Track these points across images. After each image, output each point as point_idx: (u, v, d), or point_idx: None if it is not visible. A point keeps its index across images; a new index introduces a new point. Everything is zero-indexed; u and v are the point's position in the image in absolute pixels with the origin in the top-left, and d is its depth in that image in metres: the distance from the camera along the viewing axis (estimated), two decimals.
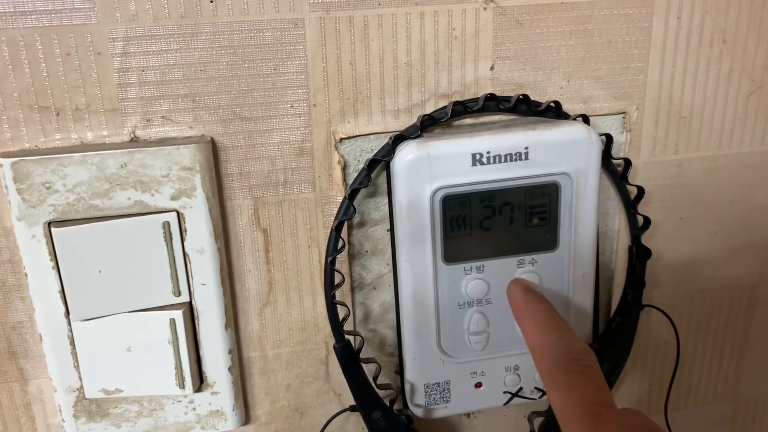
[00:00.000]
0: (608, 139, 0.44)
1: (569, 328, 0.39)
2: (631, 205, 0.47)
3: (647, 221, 0.47)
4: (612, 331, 0.48)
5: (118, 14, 0.38)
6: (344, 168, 0.43)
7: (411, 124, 0.43)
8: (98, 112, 0.39)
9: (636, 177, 0.47)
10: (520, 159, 0.41)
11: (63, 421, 0.44)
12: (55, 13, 0.37)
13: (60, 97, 0.39)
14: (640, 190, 0.46)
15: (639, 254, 0.47)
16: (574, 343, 0.38)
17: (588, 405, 0.34)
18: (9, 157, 0.38)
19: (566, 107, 0.44)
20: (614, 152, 0.46)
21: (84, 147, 0.40)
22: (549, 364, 0.37)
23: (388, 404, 0.45)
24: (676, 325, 0.50)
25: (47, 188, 0.39)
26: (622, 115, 0.46)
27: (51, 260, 0.40)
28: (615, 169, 0.46)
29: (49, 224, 0.39)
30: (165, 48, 0.39)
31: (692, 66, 0.46)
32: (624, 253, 0.49)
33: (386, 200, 0.44)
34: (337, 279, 0.43)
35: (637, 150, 0.47)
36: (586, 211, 0.43)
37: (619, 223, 0.48)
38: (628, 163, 0.45)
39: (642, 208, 0.47)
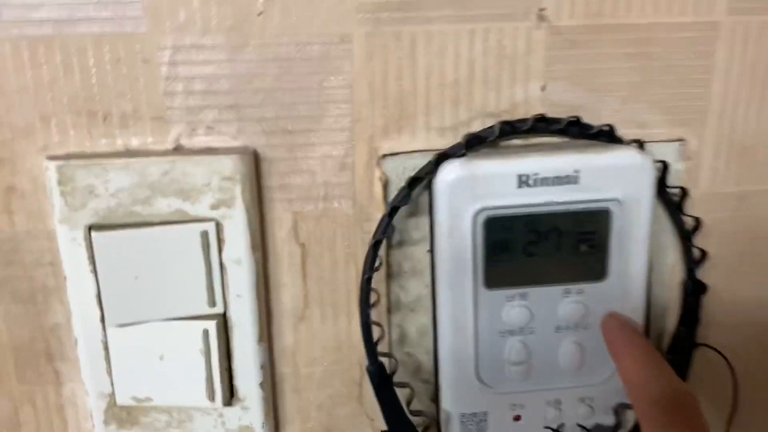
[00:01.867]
0: (664, 167, 0.42)
1: (670, 367, 0.37)
2: (686, 237, 0.44)
3: (704, 254, 0.44)
4: None
5: (168, 23, 0.38)
6: (385, 185, 0.42)
7: (456, 142, 0.41)
8: (144, 120, 0.40)
9: (693, 208, 0.45)
10: (570, 183, 0.40)
11: (94, 426, 0.44)
12: (107, 21, 0.38)
13: (107, 103, 0.39)
14: (697, 222, 0.43)
15: (694, 289, 0.45)
16: (676, 383, 0.35)
17: None
18: (55, 160, 0.38)
19: (621, 132, 0.43)
20: (670, 181, 0.43)
21: (128, 153, 0.40)
22: (648, 404, 0.35)
23: None
24: (734, 368, 0.46)
25: (90, 192, 0.39)
26: (679, 143, 0.44)
27: (89, 264, 0.40)
28: (670, 198, 0.44)
29: (90, 228, 0.40)
30: (212, 58, 0.39)
31: (758, 95, 0.43)
32: (678, 288, 0.46)
33: (427, 220, 0.43)
34: (373, 298, 0.42)
35: (695, 180, 0.44)
36: (638, 241, 0.41)
37: (673, 256, 0.46)
38: (684, 192, 0.43)
39: (699, 241, 0.44)
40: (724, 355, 0.46)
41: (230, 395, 0.44)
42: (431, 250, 0.43)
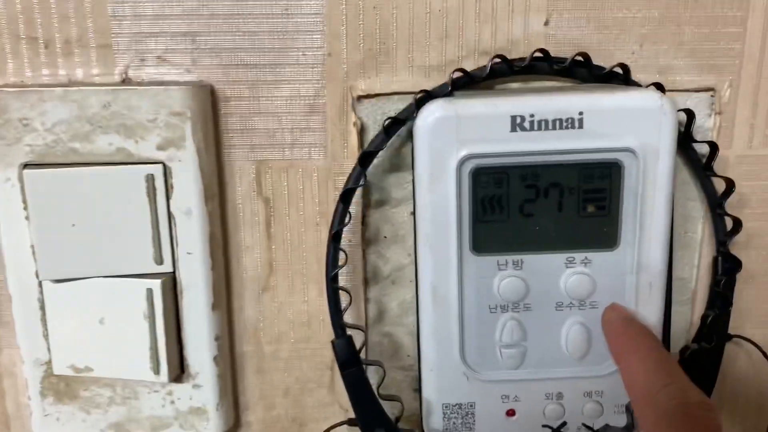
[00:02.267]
0: (689, 116, 0.36)
1: (683, 372, 0.30)
2: (717, 203, 0.37)
3: (738, 224, 0.37)
4: (687, 362, 0.38)
5: None
6: (361, 132, 0.37)
7: (443, 83, 0.36)
8: (89, 47, 0.35)
9: (726, 172, 0.38)
10: (572, 127, 0.34)
11: (29, 398, 0.39)
12: None
13: (49, 27, 0.35)
14: (729, 184, 0.36)
15: (726, 266, 0.38)
16: (691, 392, 0.29)
17: None
18: None
19: (638, 77, 0.36)
20: (698, 138, 0.37)
21: (71, 84, 0.36)
22: (655, 417, 0.29)
23: (393, 420, 0.37)
24: None
25: (24, 125, 0.35)
26: (710, 93, 0.37)
27: (24, 209, 0.36)
28: (698, 158, 0.37)
29: (24, 166, 0.35)
30: None
31: None
32: (708, 269, 0.39)
33: (410, 176, 0.37)
34: (341, 260, 0.36)
35: (729, 139, 0.38)
36: (657, 202, 0.35)
37: (702, 231, 0.39)
38: (714, 147, 0.36)
39: (734, 211, 0.38)
40: (761, 348, 0.38)
41: (180, 370, 0.38)
42: (414, 212, 0.37)
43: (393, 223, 0.38)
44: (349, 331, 0.36)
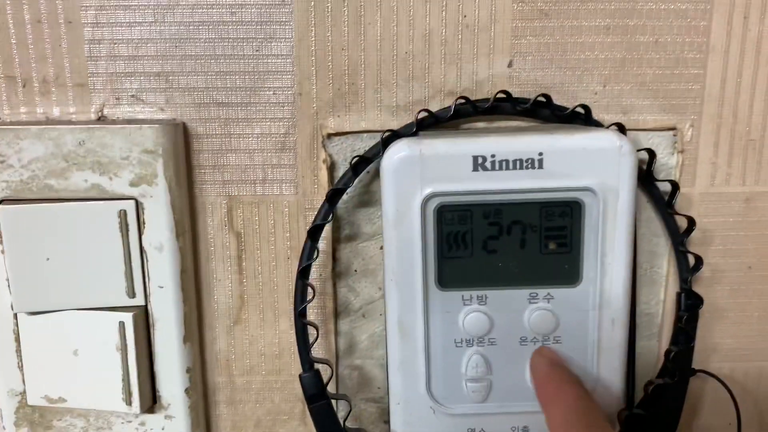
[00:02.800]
0: (651, 156, 0.37)
1: (606, 422, 0.31)
2: (679, 240, 0.38)
3: (699, 261, 0.38)
4: (651, 397, 0.39)
5: None
6: (331, 168, 0.38)
7: (410, 122, 0.37)
8: (66, 86, 0.36)
9: (691, 209, 0.39)
10: (533, 167, 0.34)
11: (3, 428, 0.40)
12: None
13: (27, 67, 0.36)
14: (690, 222, 0.37)
15: (688, 302, 0.38)
16: None
17: None
18: None
19: (601, 117, 0.37)
20: (662, 176, 0.38)
21: (48, 122, 0.37)
22: None
23: None
24: (737, 401, 0.39)
25: (1, 162, 0.36)
26: (672, 132, 0.38)
27: (0, 243, 0.37)
28: (661, 196, 0.38)
29: (0, 202, 0.36)
30: (138, 20, 0.36)
31: (764, 78, 0.37)
32: (673, 303, 0.40)
33: (380, 212, 0.38)
34: (309, 294, 0.37)
35: (692, 176, 0.39)
36: (617, 240, 0.35)
37: (668, 266, 0.39)
38: (675, 186, 0.37)
39: (699, 250, 0.38)
40: (725, 383, 0.39)
41: (152, 401, 0.39)
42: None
43: (363, 257, 0.39)
44: (317, 365, 0.37)
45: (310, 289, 0.37)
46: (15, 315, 0.38)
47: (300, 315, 0.36)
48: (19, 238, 0.36)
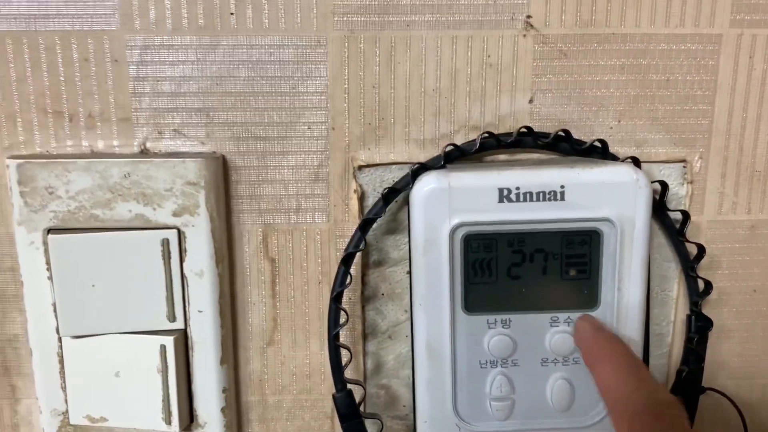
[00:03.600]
0: (663, 187, 0.39)
1: (652, 375, 0.33)
2: (689, 266, 0.40)
3: (708, 286, 0.40)
4: None
5: (138, 22, 0.37)
6: (362, 198, 0.40)
7: (437, 155, 0.39)
8: (110, 121, 0.38)
9: (699, 236, 0.41)
10: (555, 199, 0.37)
11: None
12: (76, 18, 0.37)
13: (74, 102, 0.38)
14: (700, 249, 0.40)
15: (698, 324, 0.41)
16: (660, 393, 0.31)
17: None
18: (16, 159, 0.37)
19: (616, 150, 0.40)
20: (673, 205, 0.40)
21: (93, 155, 0.38)
22: (628, 417, 0.31)
23: None
24: (745, 419, 0.42)
25: (50, 193, 0.37)
26: (682, 164, 0.40)
27: (47, 270, 0.38)
28: (672, 224, 0.40)
29: (48, 231, 0.38)
30: (182, 59, 0.38)
31: None
32: (683, 325, 0.42)
33: (407, 239, 0.40)
34: (342, 318, 0.39)
35: (701, 206, 0.41)
36: (633, 267, 0.38)
37: (678, 290, 0.42)
38: (686, 216, 0.39)
39: (707, 274, 0.41)
40: (734, 401, 0.41)
41: (189, 420, 0.41)
42: (410, 272, 0.40)
43: (390, 281, 0.41)
44: (348, 386, 0.39)
45: (342, 313, 0.39)
46: (59, 338, 0.39)
47: (334, 338, 0.38)
48: (67, 265, 0.38)
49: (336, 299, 0.38)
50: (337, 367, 0.39)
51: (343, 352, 0.39)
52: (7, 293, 0.40)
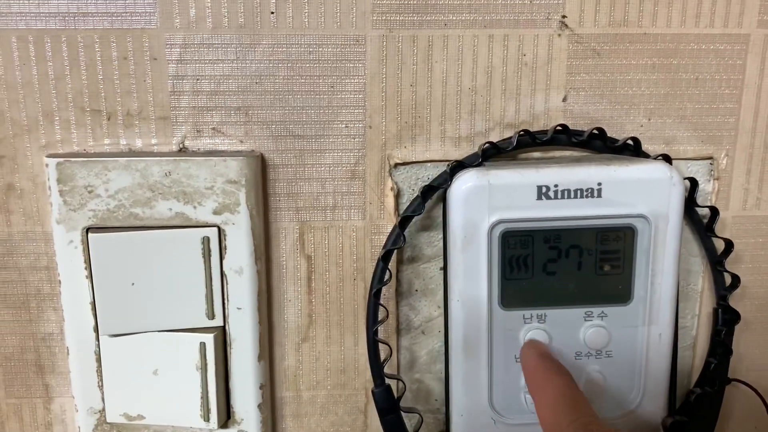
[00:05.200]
0: (693, 184, 0.40)
1: (590, 406, 0.33)
2: (717, 261, 0.41)
3: (736, 280, 0.41)
4: (692, 404, 0.42)
5: (178, 20, 0.37)
6: (397, 196, 0.40)
7: (472, 153, 0.40)
8: (149, 119, 0.38)
9: (724, 231, 0.42)
10: (592, 196, 0.37)
11: None
12: (116, 16, 0.37)
13: (113, 101, 0.38)
14: (728, 244, 0.41)
15: (725, 318, 0.42)
16: (593, 426, 0.31)
17: None
18: (55, 158, 0.37)
19: (646, 147, 0.41)
20: (699, 201, 0.41)
21: (131, 153, 0.38)
22: None
23: None
24: None
25: (89, 192, 0.37)
26: (709, 161, 0.41)
27: (86, 269, 0.38)
28: (699, 219, 0.41)
29: (87, 230, 0.38)
30: (221, 57, 0.38)
31: None
32: (708, 317, 0.43)
33: (440, 235, 0.41)
34: (381, 315, 0.39)
35: (726, 201, 0.42)
36: (666, 262, 0.39)
37: (703, 283, 0.43)
38: (715, 212, 0.40)
39: (730, 267, 0.42)
40: (758, 391, 0.42)
41: (227, 416, 0.41)
42: (444, 268, 0.40)
43: (424, 278, 0.42)
44: (387, 381, 0.39)
45: (381, 309, 0.39)
46: (97, 336, 0.39)
47: (374, 334, 0.39)
48: (107, 264, 0.38)
49: (376, 296, 0.39)
50: (375, 363, 0.39)
51: (381, 347, 0.39)
52: (42, 292, 0.40)
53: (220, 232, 0.38)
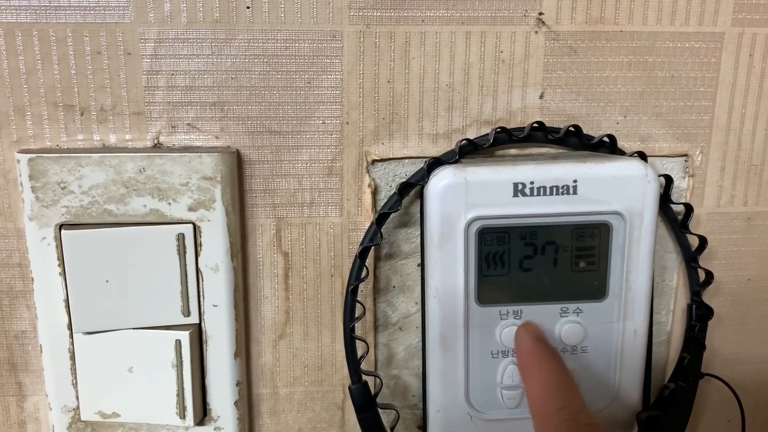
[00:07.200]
0: (668, 181, 0.40)
1: (579, 395, 0.34)
2: (691, 257, 0.42)
3: (710, 276, 0.42)
4: (666, 399, 0.42)
5: (152, 15, 0.36)
6: (374, 192, 0.40)
7: (449, 149, 0.40)
8: (123, 115, 0.38)
9: (698, 228, 0.42)
10: (568, 193, 0.38)
11: None
12: (89, 10, 0.36)
13: (86, 96, 0.37)
14: (702, 241, 0.41)
15: (699, 313, 0.42)
16: (582, 415, 0.32)
17: None
18: (27, 153, 0.37)
19: (622, 144, 0.41)
20: (674, 198, 0.41)
21: (105, 149, 0.38)
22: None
23: None
24: (741, 401, 0.43)
25: (62, 188, 0.37)
26: (683, 158, 0.42)
27: (59, 266, 0.38)
28: (674, 216, 0.42)
29: (60, 227, 0.37)
30: (197, 52, 0.37)
31: (766, 110, 0.41)
32: (682, 313, 0.44)
33: (418, 232, 0.41)
34: (359, 311, 0.39)
35: (700, 198, 0.42)
36: (641, 258, 0.39)
37: (677, 279, 0.43)
38: (689, 209, 0.41)
39: (704, 263, 0.42)
40: (731, 386, 0.43)
41: (203, 414, 0.41)
42: (421, 264, 0.40)
43: (401, 274, 0.42)
44: (363, 377, 0.39)
45: (358, 306, 0.39)
46: (71, 334, 0.39)
47: (350, 331, 0.39)
48: (80, 261, 0.37)
49: (352, 293, 0.39)
50: (352, 359, 0.39)
51: (359, 344, 0.39)
52: (15, 289, 0.40)
53: (196, 229, 0.38)
